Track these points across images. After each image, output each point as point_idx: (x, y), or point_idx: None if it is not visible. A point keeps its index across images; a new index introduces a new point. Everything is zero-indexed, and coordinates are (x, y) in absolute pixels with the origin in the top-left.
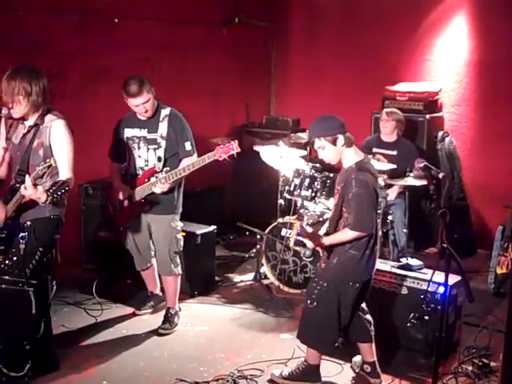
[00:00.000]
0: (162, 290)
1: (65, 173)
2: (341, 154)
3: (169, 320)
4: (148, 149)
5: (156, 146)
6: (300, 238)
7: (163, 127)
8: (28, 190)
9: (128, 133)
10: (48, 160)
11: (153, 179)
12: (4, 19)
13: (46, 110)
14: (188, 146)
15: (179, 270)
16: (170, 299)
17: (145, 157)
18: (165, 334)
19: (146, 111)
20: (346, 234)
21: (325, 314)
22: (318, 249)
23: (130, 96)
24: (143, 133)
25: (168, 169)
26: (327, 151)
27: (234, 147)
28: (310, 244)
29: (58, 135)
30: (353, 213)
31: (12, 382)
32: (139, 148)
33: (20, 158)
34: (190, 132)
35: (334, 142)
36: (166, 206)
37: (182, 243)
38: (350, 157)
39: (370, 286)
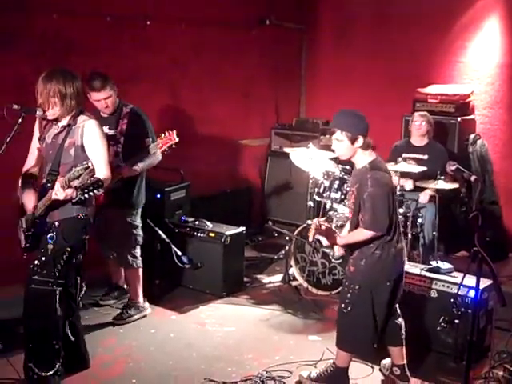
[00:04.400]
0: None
1: (102, 170)
2: (354, 153)
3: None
4: (109, 145)
5: (114, 142)
6: (317, 236)
7: (123, 124)
8: (59, 195)
9: None
10: (85, 162)
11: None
12: (39, 22)
13: (78, 111)
14: (149, 141)
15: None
16: (131, 291)
17: None
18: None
19: (107, 107)
20: (360, 234)
21: (361, 316)
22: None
23: (92, 90)
24: (105, 130)
25: (124, 164)
26: (342, 146)
27: (173, 137)
28: (325, 241)
29: (91, 134)
30: (368, 213)
31: (43, 381)
32: None
33: (52, 157)
34: (150, 128)
35: (352, 141)
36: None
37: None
38: (364, 158)
39: (402, 285)
